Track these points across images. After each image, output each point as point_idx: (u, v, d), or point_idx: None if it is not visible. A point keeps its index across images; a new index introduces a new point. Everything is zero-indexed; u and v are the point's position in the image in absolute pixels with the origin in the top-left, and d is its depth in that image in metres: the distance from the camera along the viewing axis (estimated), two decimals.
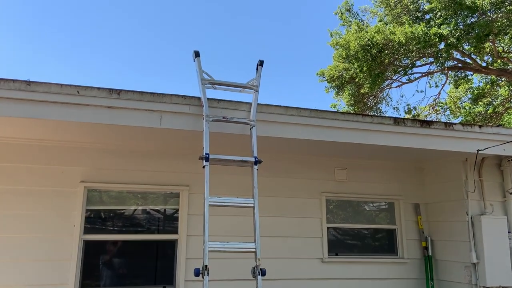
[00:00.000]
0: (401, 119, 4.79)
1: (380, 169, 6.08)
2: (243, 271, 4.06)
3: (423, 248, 5.98)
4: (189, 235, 5.10)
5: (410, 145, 4.80)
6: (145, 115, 3.98)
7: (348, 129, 4.64)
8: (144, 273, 5.06)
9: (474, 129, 5.01)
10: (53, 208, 4.77)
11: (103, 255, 4.95)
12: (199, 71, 4.23)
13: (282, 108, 4.45)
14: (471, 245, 5.29)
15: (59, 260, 4.66)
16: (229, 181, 5.14)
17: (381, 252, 6.01)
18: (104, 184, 5.00)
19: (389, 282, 5.77)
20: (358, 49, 15.67)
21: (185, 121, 4.13)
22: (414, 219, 6.10)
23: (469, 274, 5.30)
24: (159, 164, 5.22)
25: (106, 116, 3.86)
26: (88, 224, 4.91)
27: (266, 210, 5.26)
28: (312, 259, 5.55)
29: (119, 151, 5.10)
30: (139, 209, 5.23)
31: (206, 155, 3.87)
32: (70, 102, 3.75)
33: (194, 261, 4.85)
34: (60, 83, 3.73)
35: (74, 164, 4.94)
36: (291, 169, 5.71)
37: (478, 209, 5.45)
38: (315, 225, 5.66)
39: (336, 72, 18.17)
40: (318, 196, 5.76)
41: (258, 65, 4.48)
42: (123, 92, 3.89)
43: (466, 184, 5.45)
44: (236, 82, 4.37)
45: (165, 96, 4.06)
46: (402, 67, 17.03)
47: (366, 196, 6.01)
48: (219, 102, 4.23)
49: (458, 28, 14.47)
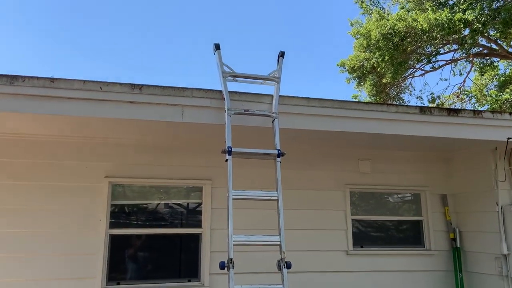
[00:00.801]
0: (427, 107, 4.66)
1: (405, 159, 5.95)
2: (268, 264, 4.04)
3: (451, 240, 5.84)
4: (213, 229, 5.11)
5: (437, 134, 4.66)
6: (166, 109, 3.98)
7: (372, 119, 4.54)
8: (169, 267, 5.11)
9: (504, 116, 4.83)
10: (79, 203, 4.85)
11: (128, 249, 5.02)
12: (220, 64, 4.20)
13: (304, 99, 4.39)
14: (502, 236, 5.13)
15: (86, 254, 4.74)
16: (252, 174, 5.11)
17: (407, 244, 5.90)
18: (128, 179, 5.05)
19: (416, 274, 5.67)
20: (380, 38, 15.37)
21: (207, 115, 4.11)
22: (441, 210, 5.96)
23: (499, 266, 5.15)
24: (182, 158, 5.23)
25: (128, 111, 3.88)
26: (113, 219, 4.97)
27: (290, 203, 5.21)
28: (337, 251, 5.49)
29: (142, 146, 5.14)
30: (163, 204, 5.27)
31: (229, 148, 3.85)
32: (92, 98, 3.78)
33: (218, 255, 4.87)
34: (83, 79, 3.76)
35: (98, 160, 5.00)
36: (314, 161, 5.64)
37: (508, 199, 5.27)
38: (339, 217, 5.60)
39: (357, 62, 17.89)
40: (342, 188, 5.69)
41: (279, 56, 4.42)
42: (145, 87, 3.90)
43: (495, 173, 5.28)
44: (257, 74, 4.33)
45: (187, 90, 4.05)
46: (426, 55, 16.63)
47: (391, 187, 5.89)
48: (240, 95, 4.19)
49: (484, 13, 13.99)
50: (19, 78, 3.62)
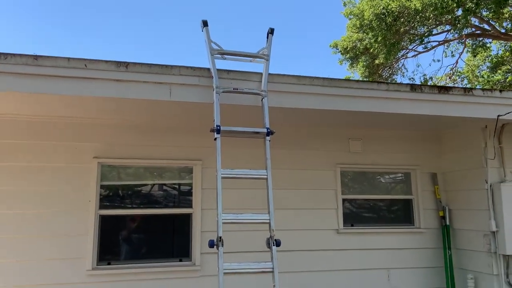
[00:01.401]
0: (418, 85, 4.63)
1: (396, 139, 5.94)
2: (258, 243, 4.05)
3: (440, 218, 5.89)
4: (204, 209, 5.10)
5: (428, 112, 4.64)
6: (154, 87, 3.91)
7: (363, 98, 4.50)
8: (159, 247, 5.11)
9: (494, 93, 4.82)
10: (68, 184, 4.80)
11: (119, 229, 5.00)
12: (208, 41, 4.11)
13: (294, 77, 4.33)
14: (491, 213, 5.18)
15: (76, 235, 4.72)
16: (242, 154, 5.10)
17: (398, 222, 5.94)
18: (117, 160, 5.00)
19: (405, 252, 5.73)
20: (373, 18, 15.22)
21: (195, 93, 4.04)
22: (431, 189, 5.99)
23: (488, 243, 5.21)
24: (172, 139, 5.18)
25: (115, 90, 3.80)
26: (103, 200, 4.94)
27: (280, 182, 5.22)
28: (328, 230, 5.52)
29: (131, 126, 5.07)
30: (153, 184, 5.24)
31: (217, 127, 3.80)
32: (77, 76, 3.69)
33: (209, 234, 4.88)
34: (67, 56, 3.67)
35: (86, 140, 4.94)
36: (305, 140, 5.62)
37: (497, 176, 5.30)
38: (330, 196, 5.61)
39: (350, 43, 17.76)
40: (333, 167, 5.68)
41: (268, 33, 4.33)
42: (131, 65, 3.82)
43: (485, 151, 5.30)
44: (246, 52, 4.25)
45: (174, 68, 3.97)
46: (418, 35, 16.54)
47: (381, 166, 5.90)
48: (229, 73, 4.12)
49: None
50: (1, 55, 3.52)
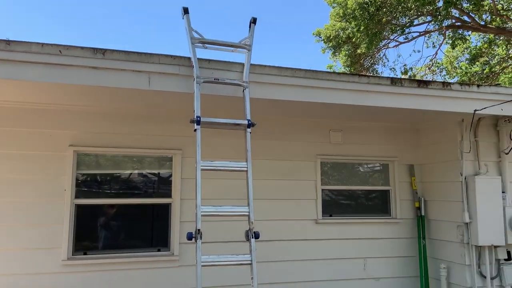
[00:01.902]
0: (398, 79, 4.65)
1: (376, 130, 6.00)
2: (239, 233, 4.04)
3: (416, 209, 6.01)
4: (183, 199, 5.07)
5: (407, 106, 4.69)
6: (132, 76, 3.81)
7: (344, 90, 4.51)
8: (138, 237, 5.07)
9: (472, 88, 4.90)
10: (43, 172, 4.69)
11: (96, 219, 4.92)
12: (189, 29, 4.03)
13: (276, 68, 4.29)
14: (464, 205, 5.31)
15: (51, 224, 4.63)
16: (223, 144, 5.08)
17: (375, 212, 6.04)
18: (94, 148, 4.90)
19: (382, 242, 5.84)
20: (356, 7, 15.22)
21: (175, 83, 3.97)
22: (408, 180, 6.10)
23: (461, 233, 5.35)
24: (151, 127, 5.10)
25: (91, 77, 3.69)
26: (79, 189, 4.84)
27: (261, 173, 5.22)
28: (306, 220, 5.57)
29: (109, 114, 4.96)
30: (131, 173, 5.16)
31: (197, 118, 3.75)
32: (52, 63, 3.57)
33: (188, 224, 4.87)
34: (41, 42, 3.54)
35: (62, 128, 4.81)
36: (286, 131, 5.62)
37: (472, 169, 5.43)
38: (309, 187, 5.65)
39: (333, 31, 17.75)
40: (313, 158, 5.71)
41: (250, 23, 4.27)
42: (108, 52, 3.71)
43: (461, 144, 5.40)
44: (227, 41, 4.18)
45: (153, 56, 3.88)
46: (400, 26, 16.63)
47: (361, 158, 5.97)
48: (210, 63, 4.06)
49: None
50: None
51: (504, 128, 5.49)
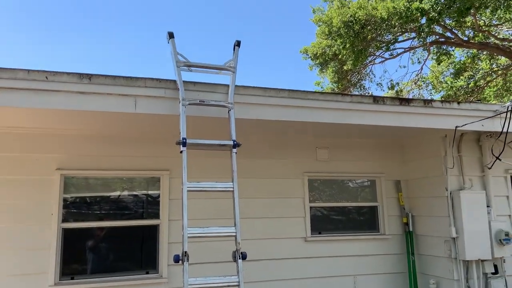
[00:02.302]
0: (380, 97, 4.76)
1: (362, 147, 6.09)
2: (225, 253, 4.04)
3: (404, 224, 6.06)
4: (171, 220, 5.06)
5: (390, 123, 4.79)
6: (118, 100, 3.86)
7: (328, 109, 4.59)
8: (126, 259, 5.03)
9: (452, 105, 5.01)
10: (29, 197, 4.66)
11: (83, 243, 4.89)
12: (174, 53, 4.10)
13: (260, 89, 4.37)
14: (451, 220, 5.37)
15: (37, 249, 4.59)
16: (209, 164, 5.10)
17: (364, 229, 6.08)
18: (81, 171, 4.90)
19: (371, 258, 5.86)
20: (341, 25, 15.50)
21: (161, 105, 4.02)
22: (395, 196, 6.17)
23: (448, 248, 5.40)
24: (138, 149, 5.12)
25: (78, 102, 3.73)
26: (66, 212, 4.82)
27: (248, 191, 5.26)
28: (296, 238, 5.59)
29: (96, 137, 4.98)
30: (119, 195, 5.16)
31: (183, 139, 3.79)
32: (39, 89, 3.60)
33: (177, 246, 4.84)
34: (27, 69, 3.58)
35: (49, 151, 4.81)
36: (272, 150, 5.67)
37: (457, 184, 5.52)
38: (297, 205, 5.68)
39: (320, 49, 18.00)
40: (301, 176, 5.76)
41: (235, 46, 4.36)
42: (95, 77, 3.76)
43: (445, 160, 5.50)
44: (212, 64, 4.26)
45: (139, 79, 3.93)
46: (385, 42, 16.96)
47: (348, 174, 6.03)
48: (195, 85, 4.12)
49: (440, 2, 14.38)
50: None
51: (486, 143, 5.61)
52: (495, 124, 5.09)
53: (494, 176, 5.64)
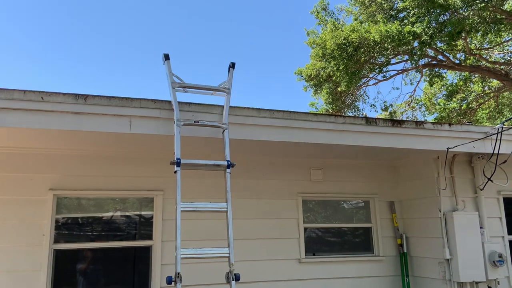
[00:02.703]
0: (372, 119, 4.82)
1: (355, 168, 6.12)
2: (219, 275, 4.01)
3: (398, 245, 6.05)
4: (164, 241, 5.02)
5: (382, 144, 4.84)
6: (113, 120, 3.89)
7: (321, 130, 4.64)
8: (118, 281, 4.97)
9: (444, 127, 5.08)
10: (21, 217, 4.63)
11: (75, 264, 4.83)
12: (169, 74, 4.16)
13: (254, 110, 4.42)
14: (444, 242, 5.38)
15: (28, 270, 4.53)
16: (205, 183, 5.11)
17: (358, 250, 6.05)
18: (74, 192, 4.88)
19: (366, 280, 5.82)
20: (334, 47, 15.76)
21: (156, 126, 4.05)
22: (389, 217, 6.17)
23: (443, 270, 5.38)
24: (132, 169, 5.12)
25: (73, 122, 3.75)
26: (58, 233, 4.78)
27: (242, 212, 5.25)
28: (289, 260, 5.55)
29: (89, 157, 4.98)
30: (112, 216, 5.13)
31: (178, 160, 3.81)
32: (34, 109, 3.63)
33: (170, 267, 4.80)
34: (23, 89, 3.61)
35: (42, 172, 4.80)
36: (266, 170, 5.69)
37: (450, 205, 5.54)
38: (291, 226, 5.66)
39: (314, 70, 18.25)
40: (295, 196, 5.76)
41: (229, 67, 4.43)
42: (90, 97, 3.79)
43: (438, 181, 5.54)
44: (207, 85, 4.32)
45: (134, 100, 3.97)
46: (378, 65, 17.23)
47: (342, 195, 6.04)
48: (190, 106, 4.16)
49: (431, 26, 14.72)
50: None
51: (478, 164, 5.66)
52: (486, 146, 5.16)
53: (487, 198, 5.68)
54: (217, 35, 44.20)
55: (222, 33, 44.34)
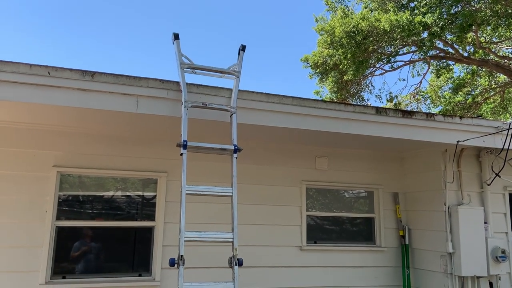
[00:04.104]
0: (383, 108, 4.74)
1: (361, 158, 6.06)
2: (221, 258, 3.99)
3: (400, 237, 6.03)
4: (166, 222, 5.00)
5: (392, 135, 4.77)
6: (120, 99, 3.82)
7: (330, 118, 4.57)
8: (119, 261, 4.96)
9: (455, 120, 5.01)
10: (24, 193, 4.59)
11: (76, 241, 4.81)
12: (178, 54, 4.07)
13: (263, 95, 4.35)
14: (448, 235, 5.35)
15: (30, 246, 4.51)
16: (210, 167, 5.06)
17: (359, 240, 6.04)
18: (78, 169, 4.84)
19: (366, 270, 5.81)
20: (343, 35, 15.55)
21: (163, 106, 3.98)
22: (392, 208, 6.13)
23: (444, 264, 5.37)
24: (136, 149, 5.07)
25: (79, 99, 3.69)
26: (61, 210, 4.75)
27: (246, 198, 5.21)
28: (291, 247, 5.53)
29: (94, 135, 4.93)
30: (115, 195, 5.10)
31: (184, 142, 3.75)
32: (40, 84, 3.56)
33: (171, 249, 4.79)
34: (29, 63, 3.54)
35: (47, 148, 4.75)
36: (272, 157, 5.63)
37: (455, 199, 5.50)
38: (294, 213, 5.63)
39: (320, 58, 18.05)
40: (299, 184, 5.72)
41: (240, 50, 4.34)
42: (97, 75, 3.72)
43: (444, 174, 5.48)
44: (216, 67, 4.24)
45: (142, 79, 3.90)
46: (386, 54, 17.03)
47: (346, 184, 6.00)
48: (198, 87, 4.09)
49: (442, 17, 14.47)
50: None
51: (486, 159, 5.60)
52: (496, 141, 5.08)
53: (493, 193, 5.63)
54: (224, 17, 43.69)
55: (229, 14, 43.83)
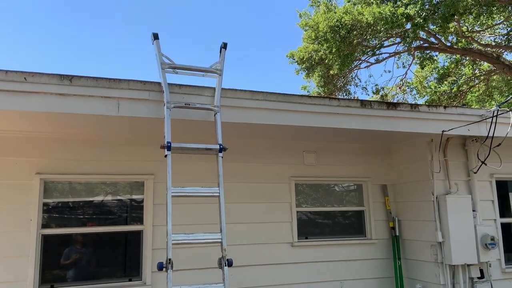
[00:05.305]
0: (367, 101, 4.74)
1: (348, 151, 6.06)
2: (211, 259, 3.95)
3: (390, 229, 6.05)
4: (155, 225, 4.94)
5: (377, 127, 4.77)
6: (101, 102, 3.75)
7: (315, 113, 4.55)
8: (108, 266, 4.90)
9: (439, 110, 5.02)
10: (8, 202, 4.50)
11: (63, 249, 4.73)
12: (159, 54, 4.01)
13: (248, 92, 4.31)
14: (437, 225, 5.37)
15: (16, 256, 4.42)
16: (196, 167, 5.01)
17: (350, 233, 6.04)
18: (62, 176, 4.75)
19: (358, 263, 5.82)
20: (327, 30, 15.55)
21: (145, 108, 3.92)
22: (381, 200, 6.15)
23: (435, 253, 5.40)
24: (122, 152, 5.00)
25: (58, 104, 3.61)
26: (46, 218, 4.67)
27: (234, 196, 5.18)
28: (282, 243, 5.51)
29: (77, 140, 4.84)
30: (101, 200, 5.01)
31: (168, 143, 3.69)
32: (17, 90, 3.48)
33: (161, 252, 4.71)
34: (4, 69, 3.44)
35: (28, 155, 4.66)
36: (259, 154, 5.60)
37: (443, 188, 5.52)
38: (284, 209, 5.61)
39: (306, 53, 18.04)
40: (287, 180, 5.70)
41: (221, 48, 4.29)
42: (76, 78, 3.64)
43: (431, 164, 5.50)
44: (198, 66, 4.18)
45: (123, 81, 3.83)
46: (370, 47, 17.07)
47: (335, 178, 5.99)
48: (181, 88, 4.03)
49: (424, 8, 14.54)
50: None
51: (472, 147, 5.63)
52: (481, 129, 5.12)
53: (480, 181, 5.66)
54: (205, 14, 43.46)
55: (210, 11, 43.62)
